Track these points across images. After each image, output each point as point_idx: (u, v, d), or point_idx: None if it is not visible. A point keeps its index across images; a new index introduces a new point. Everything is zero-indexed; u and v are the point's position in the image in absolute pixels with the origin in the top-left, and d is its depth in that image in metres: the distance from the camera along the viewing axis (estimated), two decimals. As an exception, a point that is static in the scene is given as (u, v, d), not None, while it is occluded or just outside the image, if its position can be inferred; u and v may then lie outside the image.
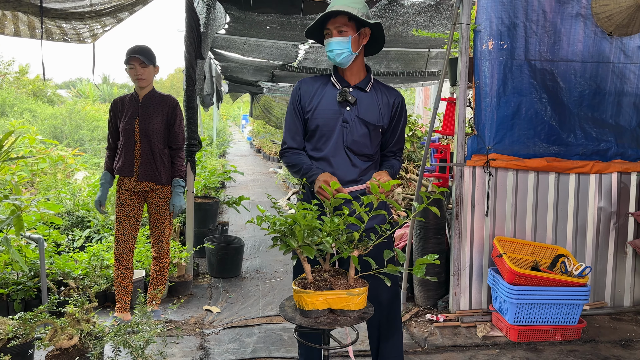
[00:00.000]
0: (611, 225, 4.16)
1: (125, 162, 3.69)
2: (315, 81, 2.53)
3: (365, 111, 2.44)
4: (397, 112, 2.51)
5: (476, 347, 3.57)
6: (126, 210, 3.74)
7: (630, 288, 4.22)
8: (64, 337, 2.79)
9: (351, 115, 2.43)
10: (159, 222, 3.83)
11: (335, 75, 2.50)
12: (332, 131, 2.43)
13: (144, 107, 3.72)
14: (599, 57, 3.98)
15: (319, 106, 2.46)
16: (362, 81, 2.48)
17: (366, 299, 1.98)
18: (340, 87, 2.46)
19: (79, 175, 7.46)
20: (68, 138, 14.62)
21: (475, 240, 4.03)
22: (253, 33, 6.32)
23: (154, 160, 3.70)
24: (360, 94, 2.46)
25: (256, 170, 14.04)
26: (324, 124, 2.44)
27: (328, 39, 2.40)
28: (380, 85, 2.54)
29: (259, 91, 14.85)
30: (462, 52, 3.87)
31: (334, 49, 2.38)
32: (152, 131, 3.68)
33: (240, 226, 7.20)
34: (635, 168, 4.10)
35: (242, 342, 3.57)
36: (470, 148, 3.94)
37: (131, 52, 3.64)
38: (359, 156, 2.46)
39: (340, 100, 2.42)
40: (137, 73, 3.64)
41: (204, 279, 4.90)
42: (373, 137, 2.47)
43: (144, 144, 3.69)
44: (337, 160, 2.43)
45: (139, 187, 3.72)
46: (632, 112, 4.07)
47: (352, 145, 2.44)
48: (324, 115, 2.44)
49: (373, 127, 2.45)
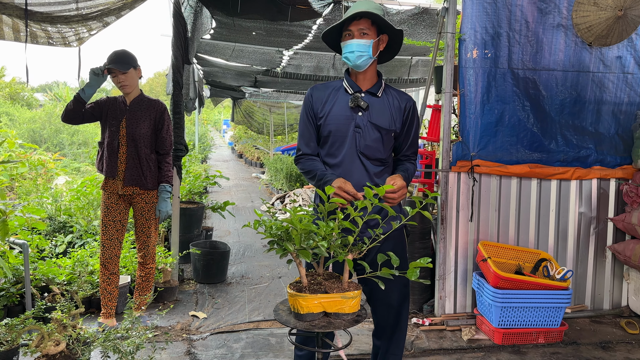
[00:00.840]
0: (591, 230, 4.27)
1: (109, 164, 3.66)
2: (327, 87, 2.54)
3: (378, 116, 2.45)
4: (409, 116, 2.52)
5: (462, 350, 3.62)
6: (112, 215, 3.70)
7: (609, 291, 4.32)
8: (51, 343, 2.76)
9: (363, 120, 2.44)
10: (144, 227, 3.80)
11: (348, 81, 2.51)
12: (345, 136, 2.45)
13: (132, 111, 3.69)
14: (579, 66, 4.09)
15: (331, 112, 2.47)
16: (374, 86, 2.49)
17: (359, 302, 2.01)
18: (352, 92, 2.47)
19: (60, 180, 7.36)
20: (47, 142, 14.40)
21: (460, 244, 4.09)
22: (238, 38, 6.33)
23: (140, 165, 3.67)
24: (372, 98, 2.47)
25: (239, 176, 14.00)
26: (337, 129, 2.45)
27: (349, 40, 2.40)
28: (391, 89, 2.55)
29: (241, 96, 14.82)
30: (447, 61, 3.94)
31: (355, 50, 2.38)
32: (139, 136, 3.65)
33: (225, 231, 7.18)
34: (614, 174, 4.22)
35: (229, 348, 3.57)
36: (455, 154, 4.01)
37: (110, 61, 3.60)
38: (372, 161, 2.47)
39: (352, 106, 2.43)
40: (119, 80, 3.61)
41: (189, 285, 4.88)
42: (386, 141, 2.48)
43: (130, 148, 3.66)
44: (351, 165, 2.45)
45: (123, 191, 3.68)
46: (611, 120, 4.19)
47: (365, 150, 2.45)
48: (336, 121, 2.46)
49: (385, 132, 2.46)
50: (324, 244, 1.87)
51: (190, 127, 18.63)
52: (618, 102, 4.18)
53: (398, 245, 2.51)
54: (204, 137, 20.13)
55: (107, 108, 3.71)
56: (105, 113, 3.70)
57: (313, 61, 7.92)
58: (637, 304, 4.21)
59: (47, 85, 45.00)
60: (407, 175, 2.49)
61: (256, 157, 17.04)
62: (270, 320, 4.05)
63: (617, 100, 4.18)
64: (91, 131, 15.74)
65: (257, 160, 16.73)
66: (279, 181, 11.01)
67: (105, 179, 3.71)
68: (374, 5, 2.39)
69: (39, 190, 6.37)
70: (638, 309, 4.20)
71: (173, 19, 4.38)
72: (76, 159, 12.35)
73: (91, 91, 3.57)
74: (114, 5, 4.07)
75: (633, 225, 4.00)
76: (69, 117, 3.63)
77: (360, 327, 3.86)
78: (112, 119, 3.67)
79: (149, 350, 3.21)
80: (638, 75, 4.17)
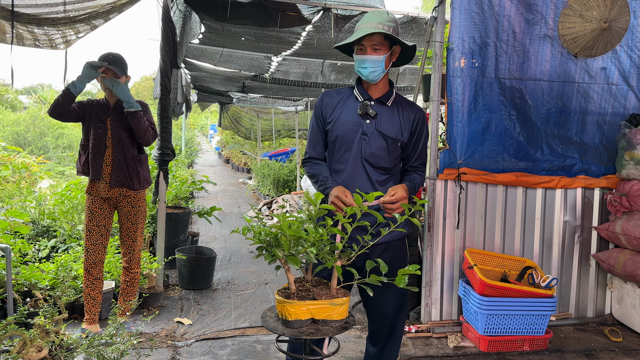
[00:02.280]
0: (576, 239, 4.31)
1: (95, 166, 3.61)
2: (338, 94, 2.57)
3: (385, 125, 2.47)
4: (417, 127, 2.53)
5: (448, 358, 3.63)
6: (96, 220, 3.66)
7: (593, 299, 4.37)
8: (33, 350, 2.71)
9: (370, 128, 2.46)
10: (130, 230, 3.76)
11: (358, 88, 2.53)
12: (352, 143, 2.47)
13: (116, 113, 3.65)
14: (565, 76, 4.14)
15: (339, 118, 2.49)
16: (384, 95, 2.51)
17: (348, 309, 2.01)
18: (362, 100, 2.49)
19: (44, 183, 7.26)
20: (31, 145, 14.22)
21: (447, 252, 4.11)
22: (227, 43, 6.32)
23: (127, 167, 3.65)
24: (381, 107, 2.49)
25: (225, 181, 13.94)
26: (344, 135, 2.48)
27: (362, 55, 2.41)
28: (402, 100, 2.57)
29: (229, 101, 14.77)
30: (436, 69, 3.97)
31: (368, 66, 2.40)
32: (125, 138, 3.64)
33: (211, 237, 7.14)
34: (598, 184, 4.27)
35: (215, 355, 3.54)
36: (442, 162, 4.04)
37: (107, 62, 3.55)
38: (376, 169, 2.48)
39: (361, 113, 2.45)
40: (106, 86, 3.57)
41: (174, 291, 4.83)
42: (391, 150, 2.49)
43: (116, 150, 3.63)
44: (355, 171, 2.47)
45: (109, 194, 3.64)
46: (595, 130, 4.25)
47: (369, 157, 2.46)
48: (343, 126, 2.48)
49: (392, 141, 2.47)
50: (312, 250, 1.86)
51: (177, 132, 18.54)
52: (602, 112, 4.24)
53: (398, 254, 2.52)
54: (191, 142, 20.01)
55: (90, 110, 3.67)
56: (89, 115, 3.66)
57: (302, 67, 7.93)
58: (620, 312, 4.25)
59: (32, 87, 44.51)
60: (413, 186, 2.49)
61: (243, 162, 16.99)
62: (257, 327, 4.03)
63: (602, 111, 4.24)
64: (76, 134, 15.59)
65: (244, 165, 16.68)
66: (266, 187, 10.98)
67: (91, 181, 3.66)
68: (386, 18, 2.39)
69: (22, 194, 6.28)
70: (621, 317, 4.25)
71: (162, 23, 4.37)
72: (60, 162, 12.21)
73: (82, 86, 3.50)
74: (103, 9, 4.04)
75: (617, 234, 4.05)
76: (56, 112, 3.54)
77: (347, 334, 3.86)
78: (96, 121, 3.63)
79: (134, 357, 3.17)
80: (622, 86, 4.24)
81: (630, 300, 4.13)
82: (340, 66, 7.86)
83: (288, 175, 10.92)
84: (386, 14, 2.42)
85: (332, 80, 8.72)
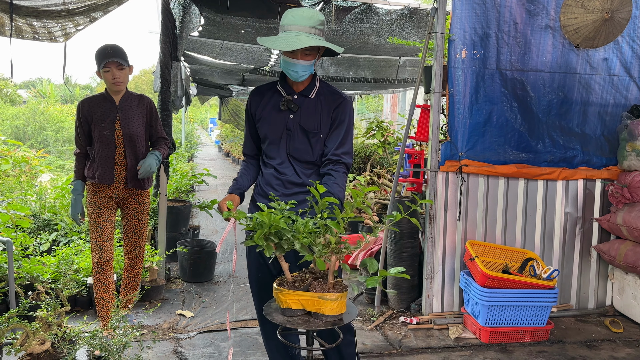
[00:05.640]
0: (577, 230, 4.31)
1: (104, 170, 3.46)
2: (265, 91, 2.57)
3: (306, 119, 2.47)
4: (337, 115, 2.47)
5: (449, 349, 3.64)
6: (106, 215, 3.53)
7: (594, 291, 4.37)
8: (36, 342, 2.72)
9: (293, 123, 2.47)
10: (136, 228, 3.67)
11: (282, 83, 2.52)
12: (279, 139, 2.50)
13: (124, 110, 3.51)
14: (566, 68, 4.13)
15: (266, 116, 2.52)
16: (306, 88, 2.50)
17: (344, 306, 2.00)
18: (285, 95, 2.50)
19: (44, 177, 7.26)
20: (31, 139, 14.21)
21: (448, 244, 4.11)
22: (227, 36, 6.30)
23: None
24: (304, 100, 2.49)
25: (226, 174, 13.93)
26: (271, 132, 2.51)
27: (293, 59, 2.35)
28: (326, 90, 2.53)
29: (228, 94, 14.75)
30: (437, 61, 3.96)
31: (299, 70, 2.38)
32: (136, 135, 3.50)
33: (212, 230, 7.14)
34: (599, 175, 4.27)
35: (217, 347, 3.55)
36: (443, 154, 4.03)
37: (108, 55, 3.40)
38: (301, 163, 2.50)
39: (284, 109, 2.47)
40: (114, 76, 3.41)
41: (176, 284, 4.84)
42: (313, 144, 2.48)
43: (128, 149, 3.49)
44: (283, 167, 2.51)
45: (121, 194, 3.55)
46: (596, 121, 4.24)
47: (294, 152, 2.49)
48: (269, 123, 2.51)
49: (312, 135, 2.47)
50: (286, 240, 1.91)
51: (177, 125, 18.51)
52: (604, 103, 4.23)
53: None
54: (191, 136, 20.00)
55: (92, 111, 3.47)
56: (91, 117, 3.47)
57: (301, 60, 7.89)
58: (621, 303, 4.26)
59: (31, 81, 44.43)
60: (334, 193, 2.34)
61: (243, 156, 16.94)
62: (258, 319, 4.03)
63: (603, 102, 4.23)
64: (76, 128, 15.52)
65: (244, 159, 16.64)
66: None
67: (97, 185, 3.51)
68: (317, 21, 2.32)
69: (22, 188, 6.28)
70: (622, 308, 4.26)
71: (162, 15, 4.35)
72: (61, 156, 12.20)
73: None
74: (102, 1, 4.02)
75: (618, 225, 4.05)
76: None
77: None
78: (101, 122, 3.45)
79: (136, 349, 3.18)
80: (624, 77, 4.23)
81: (631, 292, 4.13)
82: (340, 59, 7.83)
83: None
84: (316, 14, 2.34)
85: (332, 72, 8.70)
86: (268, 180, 2.54)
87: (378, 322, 4.00)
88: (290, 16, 2.34)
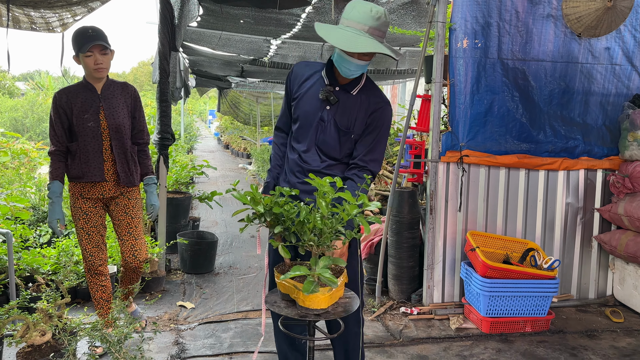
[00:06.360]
0: (578, 221, 4.30)
1: (93, 166, 3.10)
2: (310, 68, 2.46)
3: (342, 115, 2.37)
4: (374, 119, 2.38)
5: (450, 339, 3.64)
6: (93, 221, 3.19)
7: (595, 281, 4.37)
8: (37, 334, 2.71)
9: (329, 115, 2.38)
10: (130, 227, 3.27)
11: (327, 71, 2.40)
12: (310, 126, 2.40)
13: (107, 99, 3.14)
14: (568, 57, 4.10)
15: (303, 97, 2.42)
16: (350, 82, 2.38)
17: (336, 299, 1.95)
18: (327, 84, 2.39)
19: (43, 169, 7.24)
20: (30, 131, 14.17)
21: (449, 234, 4.11)
22: (226, 27, 6.25)
23: (127, 160, 3.22)
24: (344, 95, 2.37)
25: (225, 166, 13.91)
26: (304, 116, 2.41)
27: (349, 57, 2.22)
28: (369, 89, 2.42)
29: (227, 86, 14.67)
30: (438, 50, 3.93)
31: (352, 69, 2.26)
32: (122, 126, 3.16)
33: (212, 222, 7.13)
34: (601, 165, 4.25)
35: (218, 338, 3.55)
36: (444, 144, 4.01)
37: (90, 38, 2.99)
38: (326, 155, 2.43)
39: (322, 98, 2.36)
40: (97, 62, 3.03)
41: (176, 275, 4.84)
42: (343, 142, 2.39)
43: (115, 143, 3.15)
44: (308, 155, 2.43)
45: (109, 193, 3.21)
46: (598, 111, 4.21)
47: (321, 144, 2.41)
48: (305, 107, 2.41)
49: (343, 133, 2.37)
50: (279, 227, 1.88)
51: (176, 117, 18.46)
52: (606, 93, 4.20)
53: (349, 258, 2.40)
54: (190, 128, 19.93)
55: (71, 102, 3.09)
56: (71, 109, 3.09)
57: (301, 51, 7.85)
58: (622, 293, 4.26)
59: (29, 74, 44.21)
60: None
61: (243, 147, 16.93)
62: (259, 310, 4.04)
63: (605, 92, 4.20)
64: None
65: (244, 150, 16.63)
66: (266, 172, 10.95)
67: (83, 186, 3.17)
68: (382, 22, 2.18)
69: (22, 180, 6.26)
70: (623, 298, 4.26)
71: (160, 5, 4.31)
72: (59, 148, 12.14)
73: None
74: (99, -10, 3.98)
75: (619, 215, 4.04)
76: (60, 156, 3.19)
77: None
78: (83, 113, 3.08)
79: (137, 340, 3.18)
80: (626, 66, 4.20)
81: (632, 282, 4.13)
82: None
83: (288, 159, 10.88)
84: (383, 16, 2.17)
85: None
86: (291, 167, 2.47)
87: (379, 312, 4.00)
88: (356, 11, 2.17)
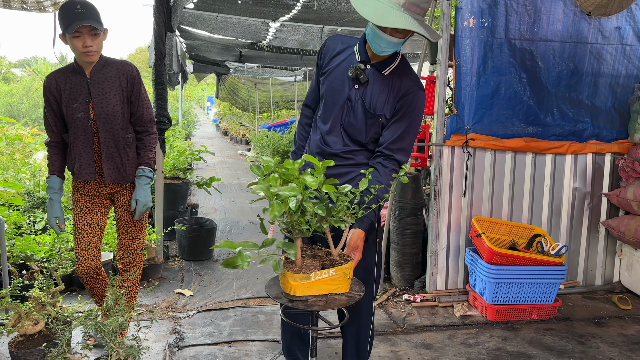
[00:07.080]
0: (585, 206, 4.20)
1: (85, 163, 2.81)
2: (343, 42, 2.29)
3: (371, 95, 2.18)
4: (403, 105, 2.18)
5: (455, 327, 3.56)
6: (87, 217, 2.87)
7: (601, 267, 4.29)
8: (29, 323, 2.62)
9: (357, 95, 2.19)
10: (129, 226, 2.97)
11: (360, 47, 2.21)
12: (335, 104, 2.24)
13: (97, 83, 2.76)
14: (577, 37, 3.97)
15: (332, 72, 2.26)
16: (383, 61, 2.19)
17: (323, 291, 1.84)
18: (358, 61, 2.20)
19: (39, 155, 7.11)
20: (25, 117, 14.00)
21: (453, 220, 4.01)
22: (223, 8, 6.09)
23: (118, 154, 2.84)
24: (375, 75, 2.19)
25: (224, 153, 13.79)
26: (330, 93, 2.25)
27: (381, 32, 2.04)
28: (403, 70, 2.22)
29: (226, 72, 14.51)
30: (443, 29, 3.79)
31: (383, 45, 2.08)
32: (112, 114, 2.77)
33: (211, 208, 7.03)
34: (609, 149, 4.14)
35: (217, 326, 3.46)
36: (449, 128, 3.89)
37: (78, 16, 2.59)
38: (351, 139, 2.26)
39: (351, 76, 2.19)
40: (86, 45, 2.64)
41: (174, 262, 4.74)
42: (369, 125, 2.21)
43: (104, 135, 2.78)
44: (331, 136, 2.26)
45: (106, 191, 2.91)
46: (607, 93, 4.09)
47: (347, 127, 2.24)
48: (333, 83, 2.24)
49: (370, 115, 2.19)
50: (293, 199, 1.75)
51: (174, 103, 18.29)
52: (615, 74, 4.08)
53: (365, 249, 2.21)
54: (188, 114, 19.76)
55: (61, 88, 2.76)
56: (60, 96, 2.77)
57: (300, 34, 7.70)
58: (630, 280, 4.18)
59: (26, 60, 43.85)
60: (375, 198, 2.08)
61: (241, 134, 16.77)
62: (259, 297, 3.95)
63: (615, 73, 4.08)
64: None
65: (243, 137, 16.48)
66: (263, 158, 10.82)
67: (80, 181, 2.89)
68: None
69: (16, 166, 6.14)
70: (631, 285, 4.17)
71: (155, -16, 4.16)
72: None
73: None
74: (92, -32, 3.84)
75: (628, 200, 3.94)
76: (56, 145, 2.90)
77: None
78: (72, 102, 2.75)
79: (133, 328, 3.09)
80: (636, 47, 4.07)
81: (640, 268, 4.05)
82: (341, 32, 7.63)
83: (288, 145, 10.76)
84: None
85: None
86: (312, 149, 2.33)
87: (381, 300, 3.91)
88: None
